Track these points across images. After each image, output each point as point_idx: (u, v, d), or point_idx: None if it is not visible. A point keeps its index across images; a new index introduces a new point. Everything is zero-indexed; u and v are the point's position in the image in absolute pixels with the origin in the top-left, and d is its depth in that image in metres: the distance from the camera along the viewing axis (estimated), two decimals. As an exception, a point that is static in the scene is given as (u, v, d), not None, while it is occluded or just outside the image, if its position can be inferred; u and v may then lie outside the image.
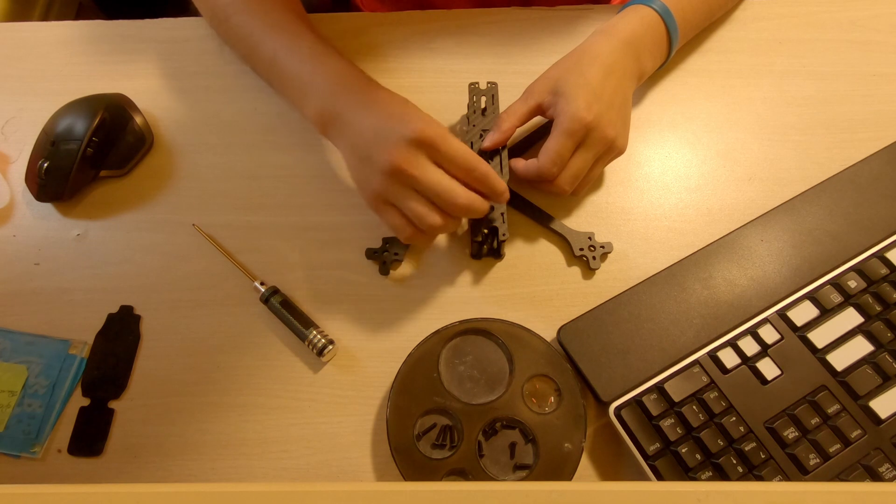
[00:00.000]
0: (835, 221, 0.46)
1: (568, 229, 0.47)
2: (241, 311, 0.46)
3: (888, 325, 0.41)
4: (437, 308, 0.46)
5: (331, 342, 0.43)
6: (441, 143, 0.39)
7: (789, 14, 0.56)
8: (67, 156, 0.47)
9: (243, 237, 0.48)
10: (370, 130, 0.40)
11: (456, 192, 0.39)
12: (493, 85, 0.49)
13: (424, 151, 0.39)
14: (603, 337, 0.42)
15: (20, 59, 0.56)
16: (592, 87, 0.43)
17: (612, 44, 0.46)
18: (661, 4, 0.48)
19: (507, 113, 0.46)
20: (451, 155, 0.39)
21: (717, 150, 0.51)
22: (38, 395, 0.43)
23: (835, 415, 0.39)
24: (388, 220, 0.42)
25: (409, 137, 0.38)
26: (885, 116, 0.51)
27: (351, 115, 0.42)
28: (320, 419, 0.43)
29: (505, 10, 0.57)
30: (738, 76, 0.54)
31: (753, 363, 0.41)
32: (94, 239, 0.49)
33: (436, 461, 0.39)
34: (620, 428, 0.40)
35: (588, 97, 0.43)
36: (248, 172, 0.51)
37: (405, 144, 0.38)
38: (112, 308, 0.46)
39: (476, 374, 0.42)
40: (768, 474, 0.38)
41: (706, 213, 0.48)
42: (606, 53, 0.45)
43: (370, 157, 0.40)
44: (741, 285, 0.44)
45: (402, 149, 0.38)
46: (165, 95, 0.54)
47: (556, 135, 0.43)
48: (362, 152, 0.41)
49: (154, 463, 0.42)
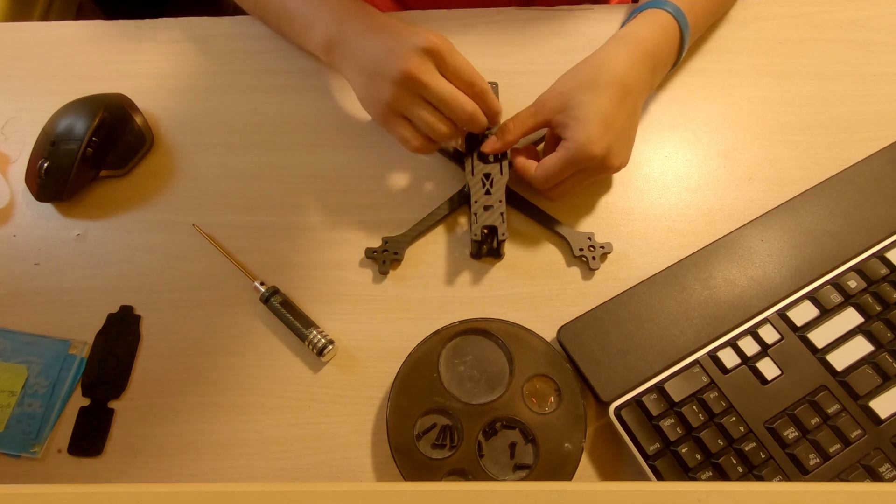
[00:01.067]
0: (835, 221, 0.46)
1: (568, 230, 0.47)
2: (241, 311, 0.46)
3: (888, 325, 0.41)
4: (437, 308, 0.46)
5: (331, 342, 0.43)
6: (448, 54, 0.41)
7: (789, 14, 0.56)
8: (67, 156, 0.47)
9: (243, 237, 0.48)
10: (379, 48, 0.43)
11: (463, 100, 0.42)
12: (493, 85, 0.49)
13: (433, 60, 0.41)
14: (603, 337, 0.42)
15: (20, 59, 0.56)
16: (605, 115, 0.42)
17: (633, 57, 0.45)
18: (675, 7, 0.47)
19: (513, 122, 0.46)
20: (456, 66, 0.41)
21: (717, 150, 0.51)
22: (38, 395, 0.43)
23: (835, 415, 0.39)
24: (397, 132, 0.44)
25: (421, 46, 0.41)
26: (885, 116, 0.51)
27: (357, 38, 0.44)
28: (320, 419, 0.43)
29: (505, 10, 0.57)
30: (738, 76, 0.54)
31: (753, 363, 0.41)
32: (94, 239, 0.49)
33: (436, 461, 0.39)
34: (620, 428, 0.40)
35: (600, 128, 0.42)
36: (248, 172, 0.51)
37: (416, 53, 0.41)
38: (112, 308, 0.46)
39: (476, 374, 0.42)
40: (768, 474, 0.38)
41: (706, 213, 0.48)
42: (625, 70, 0.44)
43: (380, 71, 0.42)
44: (741, 285, 0.44)
45: (414, 57, 0.41)
46: (165, 95, 0.54)
47: (559, 157, 0.43)
48: (371, 68, 0.43)
49: (154, 463, 0.42)
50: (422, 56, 0.41)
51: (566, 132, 0.43)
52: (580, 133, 0.42)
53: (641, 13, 0.48)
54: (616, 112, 0.43)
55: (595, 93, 0.43)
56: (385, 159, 0.51)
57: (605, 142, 0.42)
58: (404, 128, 0.44)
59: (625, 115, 0.44)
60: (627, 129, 0.45)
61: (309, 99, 0.54)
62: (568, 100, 0.43)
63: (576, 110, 0.43)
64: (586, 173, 0.45)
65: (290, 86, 0.54)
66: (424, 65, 0.41)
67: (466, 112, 0.42)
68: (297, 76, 0.55)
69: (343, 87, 0.54)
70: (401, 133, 0.44)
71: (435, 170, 0.51)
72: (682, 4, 0.47)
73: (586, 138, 0.42)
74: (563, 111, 0.44)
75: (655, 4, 0.47)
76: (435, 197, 0.49)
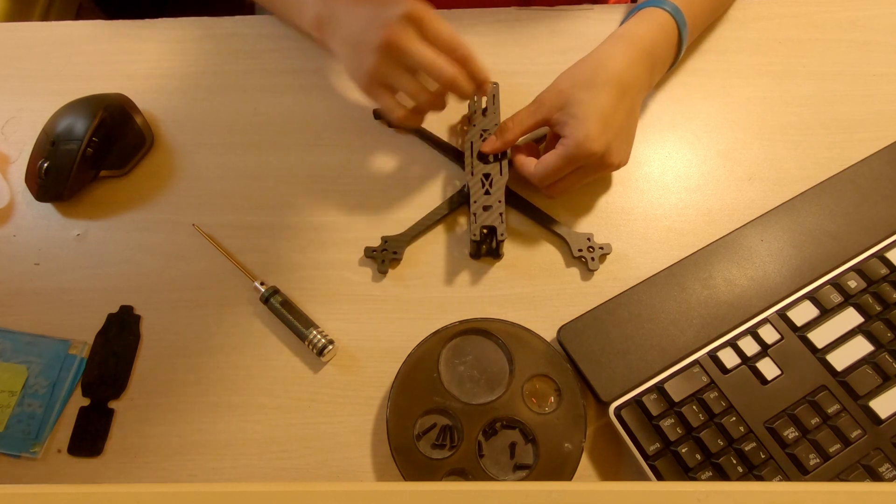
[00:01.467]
0: (835, 221, 0.46)
1: (567, 230, 0.47)
2: (241, 311, 0.46)
3: (888, 325, 0.41)
4: (436, 308, 0.46)
5: (331, 342, 0.43)
6: (428, 20, 0.41)
7: (789, 14, 0.56)
8: (67, 156, 0.47)
9: (243, 237, 0.48)
10: (362, 18, 0.43)
11: (443, 64, 0.41)
12: (493, 85, 0.49)
13: (413, 27, 0.41)
14: (603, 337, 0.42)
15: (20, 59, 0.56)
16: (604, 112, 0.42)
17: (631, 55, 0.45)
18: (673, 6, 0.47)
19: (512, 121, 0.46)
20: (436, 32, 0.42)
21: (717, 150, 0.51)
22: (38, 395, 0.43)
23: (835, 415, 0.39)
24: (382, 102, 0.44)
25: (400, 14, 0.41)
26: (884, 116, 0.51)
27: (343, 12, 0.45)
28: (320, 419, 0.43)
29: (505, 10, 0.57)
30: (737, 76, 0.54)
31: (753, 363, 0.41)
32: (94, 239, 0.49)
33: (436, 461, 0.39)
34: (620, 428, 0.40)
35: (599, 125, 0.42)
36: (248, 172, 0.51)
37: (396, 21, 0.41)
38: (112, 308, 0.46)
39: (476, 374, 0.42)
40: (768, 474, 0.38)
41: (706, 213, 0.48)
42: (623, 68, 0.44)
43: (363, 40, 0.42)
44: (741, 285, 0.44)
45: (394, 25, 0.41)
46: (165, 95, 0.54)
47: (558, 155, 0.43)
48: (355, 39, 0.44)
49: (154, 463, 0.42)
50: (402, 23, 0.41)
51: (565, 130, 0.43)
52: (579, 130, 0.42)
53: (639, 12, 0.48)
54: (615, 109, 0.43)
55: (593, 90, 0.43)
56: (385, 159, 0.51)
57: (604, 139, 0.42)
58: (389, 97, 0.44)
59: (623, 113, 0.44)
60: (627, 127, 0.45)
61: (309, 99, 0.54)
62: (567, 98, 0.43)
63: (574, 108, 0.43)
64: (585, 171, 0.45)
65: (290, 86, 0.54)
66: (405, 32, 0.41)
67: (447, 76, 0.41)
68: (298, 76, 0.55)
69: (343, 87, 0.54)
70: (386, 102, 0.44)
71: (435, 170, 0.51)
72: (680, 3, 0.47)
73: (585, 135, 0.42)
74: (561, 109, 0.44)
75: (653, 3, 0.47)
76: (434, 197, 0.49)
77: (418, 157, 0.51)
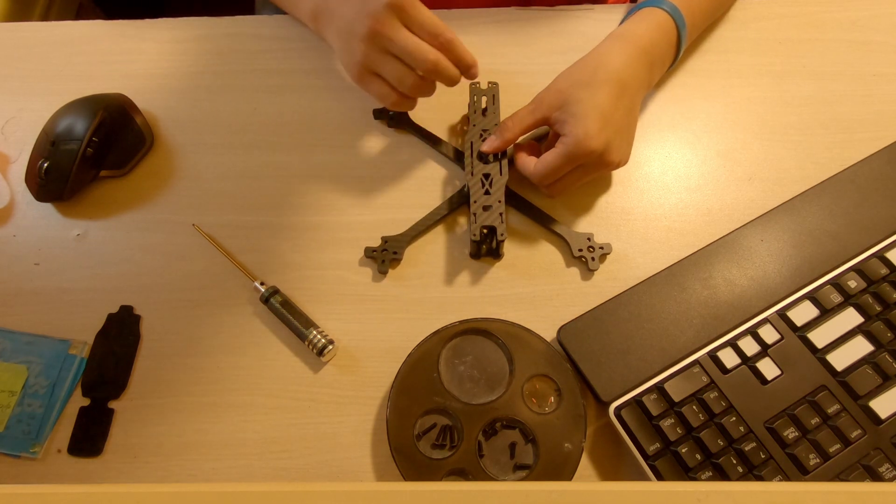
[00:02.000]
0: (835, 221, 0.46)
1: (567, 230, 0.47)
2: (241, 311, 0.46)
3: (888, 325, 0.41)
4: (436, 308, 0.46)
5: (331, 342, 0.43)
6: (411, 7, 0.42)
7: (789, 14, 0.56)
8: (67, 156, 0.47)
9: (243, 237, 0.48)
10: (351, 9, 0.44)
11: (426, 49, 0.42)
12: (493, 85, 0.49)
13: (397, 15, 0.42)
14: (603, 337, 0.42)
15: (20, 59, 0.56)
16: (603, 110, 0.43)
17: (629, 53, 0.45)
18: (672, 6, 0.47)
19: (512, 120, 0.46)
20: (419, 19, 0.42)
21: (717, 150, 0.51)
22: (38, 395, 0.43)
23: (835, 415, 0.39)
24: (373, 90, 0.45)
25: (385, 3, 0.42)
26: (884, 116, 0.51)
27: (336, 4, 0.46)
28: (320, 419, 0.43)
29: (505, 10, 0.57)
30: (737, 76, 0.54)
31: (753, 363, 0.41)
32: (94, 239, 0.49)
33: (436, 461, 0.39)
34: (620, 428, 0.40)
35: (598, 123, 0.42)
36: (248, 172, 0.51)
37: (380, 10, 0.42)
38: (112, 308, 0.46)
39: (476, 374, 0.42)
40: (768, 474, 0.38)
41: (706, 213, 0.48)
42: (622, 67, 0.44)
43: (352, 31, 0.44)
44: (741, 285, 0.44)
45: (378, 14, 0.42)
46: (165, 95, 0.54)
47: (557, 153, 0.43)
48: (345, 30, 0.45)
49: (154, 463, 0.42)
50: (386, 12, 0.42)
51: (564, 128, 0.43)
52: (578, 128, 0.42)
53: (638, 11, 0.48)
54: (614, 108, 0.43)
55: (592, 89, 0.43)
56: (385, 159, 0.51)
57: (603, 137, 0.42)
58: (379, 85, 0.45)
59: (623, 112, 0.44)
60: (626, 126, 0.45)
61: (309, 99, 0.54)
62: (566, 97, 0.44)
63: (573, 106, 0.43)
64: (585, 169, 0.45)
65: (290, 86, 0.54)
66: (389, 20, 0.42)
67: (429, 61, 0.42)
68: (297, 76, 0.55)
69: (343, 87, 0.54)
70: (376, 90, 0.45)
71: (435, 170, 0.51)
72: (679, 3, 0.47)
73: (584, 133, 0.42)
74: (561, 108, 0.44)
75: (652, 3, 0.48)
76: (434, 197, 0.49)
77: (418, 157, 0.51)
